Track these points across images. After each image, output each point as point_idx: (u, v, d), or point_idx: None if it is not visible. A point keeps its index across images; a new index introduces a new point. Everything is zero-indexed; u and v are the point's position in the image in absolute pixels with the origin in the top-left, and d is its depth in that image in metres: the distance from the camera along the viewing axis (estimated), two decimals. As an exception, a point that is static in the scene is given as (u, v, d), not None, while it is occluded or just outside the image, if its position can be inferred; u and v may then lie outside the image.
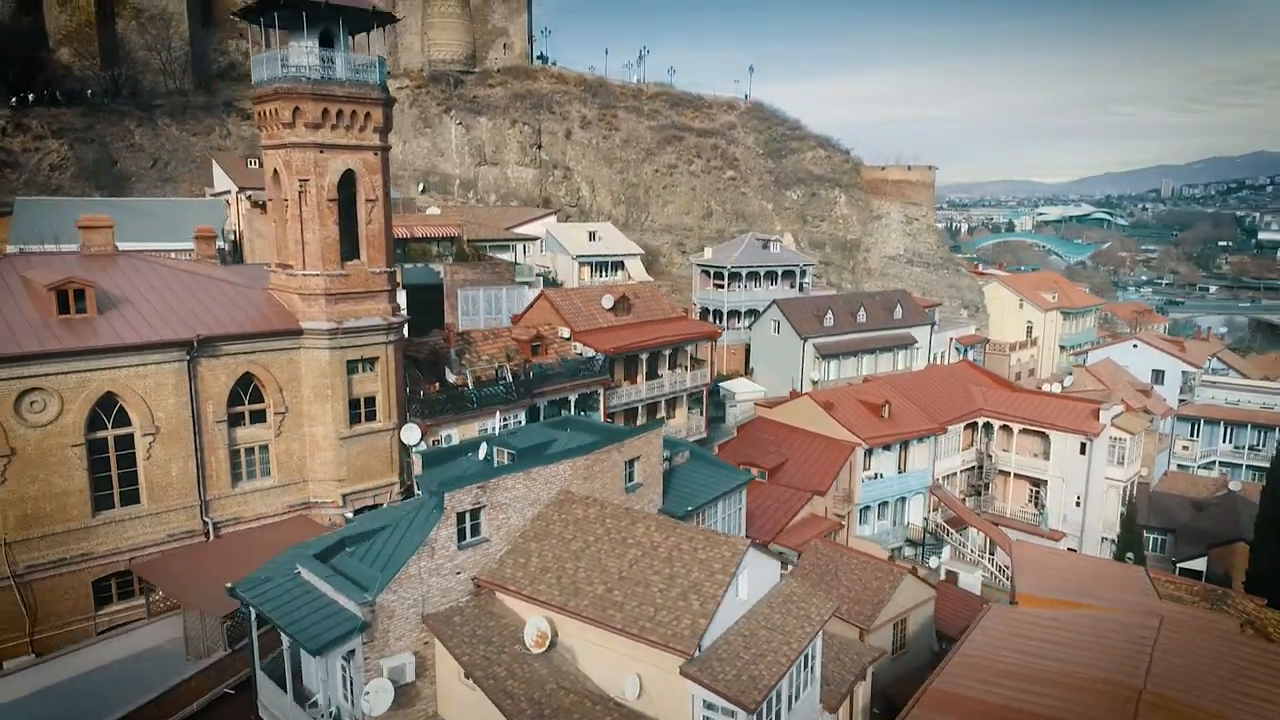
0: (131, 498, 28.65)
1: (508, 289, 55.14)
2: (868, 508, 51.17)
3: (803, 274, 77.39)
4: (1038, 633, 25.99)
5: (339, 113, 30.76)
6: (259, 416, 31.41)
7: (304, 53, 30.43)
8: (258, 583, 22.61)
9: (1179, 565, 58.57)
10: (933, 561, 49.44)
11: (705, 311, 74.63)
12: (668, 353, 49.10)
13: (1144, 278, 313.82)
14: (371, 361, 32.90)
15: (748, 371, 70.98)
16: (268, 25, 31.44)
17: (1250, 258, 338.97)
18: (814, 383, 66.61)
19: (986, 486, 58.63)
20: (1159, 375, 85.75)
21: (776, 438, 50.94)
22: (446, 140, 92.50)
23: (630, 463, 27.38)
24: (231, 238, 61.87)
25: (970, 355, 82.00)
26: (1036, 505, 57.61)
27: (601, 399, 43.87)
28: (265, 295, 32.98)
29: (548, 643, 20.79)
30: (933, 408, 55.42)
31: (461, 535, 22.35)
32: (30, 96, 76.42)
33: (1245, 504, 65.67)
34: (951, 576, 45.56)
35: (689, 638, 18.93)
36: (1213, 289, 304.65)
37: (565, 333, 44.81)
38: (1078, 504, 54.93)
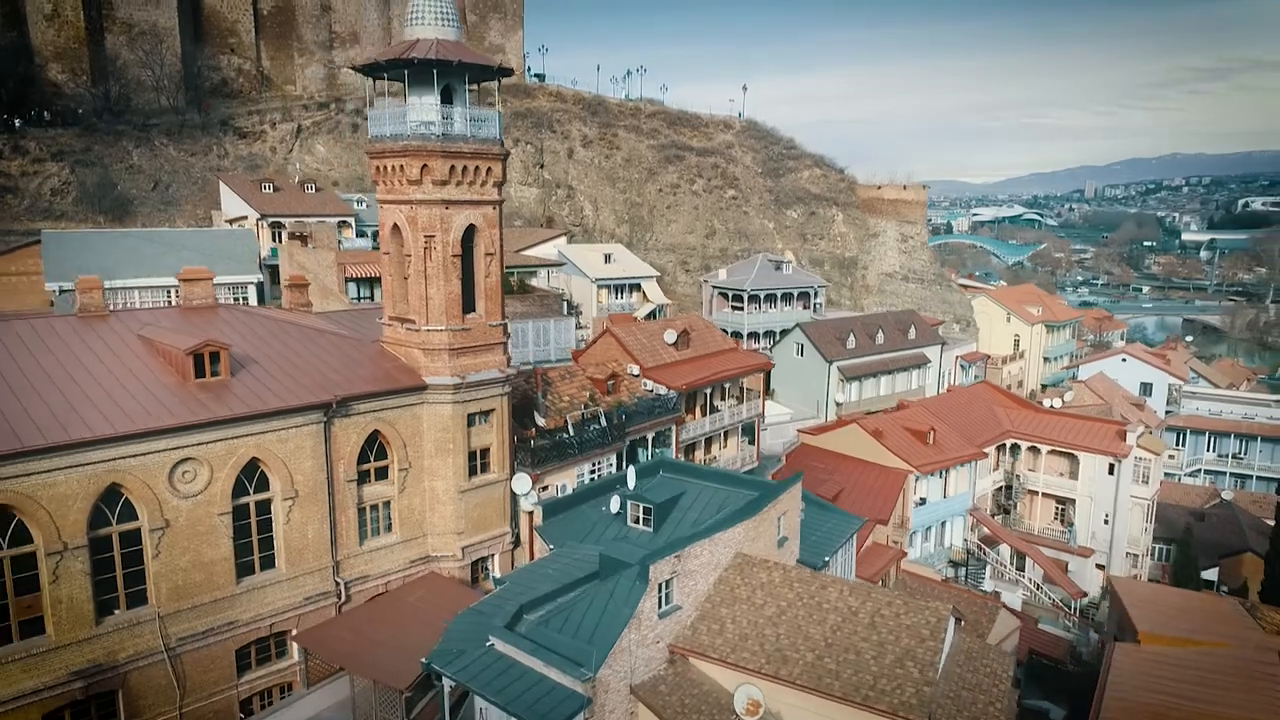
0: (269, 562, 28.31)
1: (555, 321, 55.14)
2: (914, 532, 52.66)
3: (815, 295, 78.99)
4: (1171, 672, 27.39)
5: (464, 168, 30.79)
6: (382, 473, 31.24)
7: (430, 109, 30.40)
8: (453, 656, 22.65)
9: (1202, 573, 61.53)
10: (991, 588, 51.21)
11: (723, 333, 75.54)
12: (726, 385, 49.86)
13: (1080, 278, 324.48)
14: (488, 413, 32.93)
15: (768, 393, 72.15)
16: (391, 79, 31.31)
17: (1175, 258, 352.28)
18: (838, 404, 68.14)
19: (1014, 505, 60.78)
20: (1147, 388, 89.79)
21: (828, 466, 52.02)
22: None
23: (779, 518, 28.05)
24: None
25: (972, 372, 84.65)
26: (1062, 522, 59.94)
27: (674, 436, 44.42)
28: (379, 349, 32.78)
29: (761, 711, 21.35)
30: (967, 431, 57.24)
31: (660, 604, 22.77)
32: (16, 121, 73.45)
33: (1243, 513, 69.44)
34: (994, 595, 47.41)
35: (917, 706, 19.69)
36: (1145, 289, 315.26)
37: (634, 369, 45.22)
38: (1106, 521, 57.34)
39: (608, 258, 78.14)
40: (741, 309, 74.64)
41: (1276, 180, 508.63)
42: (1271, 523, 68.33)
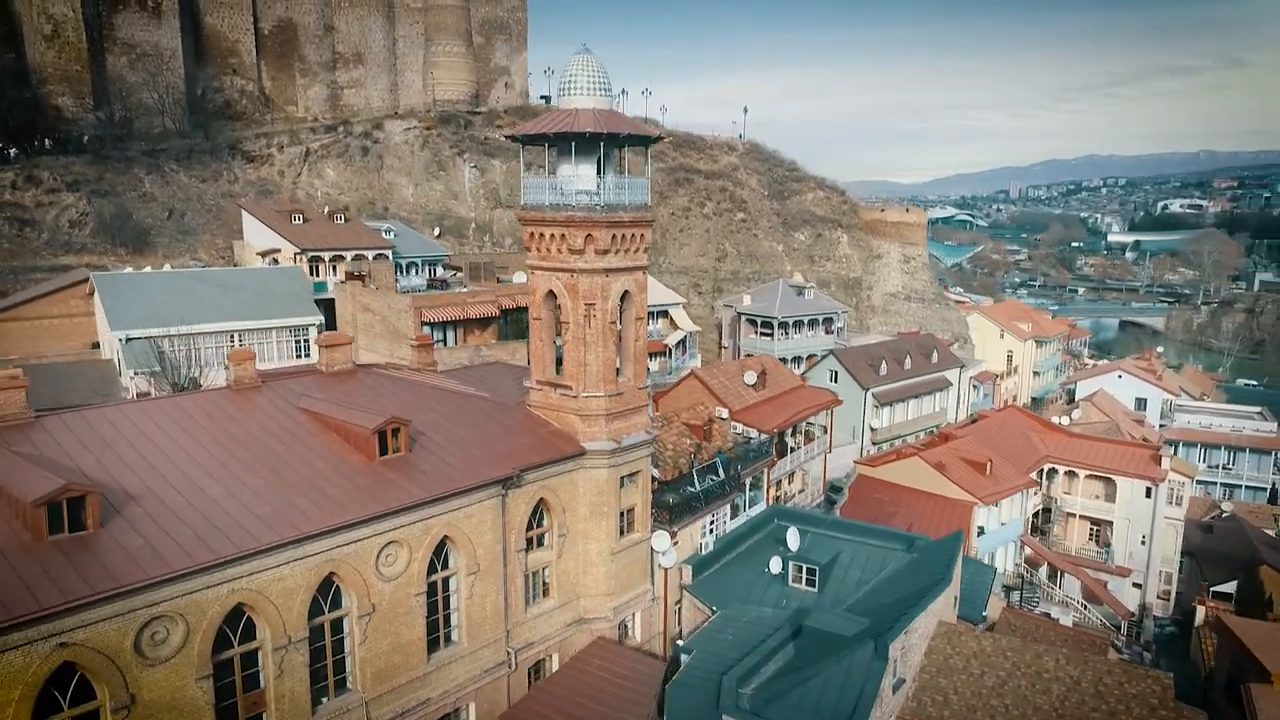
0: (449, 638, 28.28)
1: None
2: (975, 561, 54.35)
3: (837, 320, 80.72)
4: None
5: (622, 236, 31.13)
6: (540, 540, 31.37)
7: (589, 179, 30.70)
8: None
9: (1211, 589, 64.77)
10: (1041, 610, 53.18)
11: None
12: (801, 423, 50.91)
13: (1018, 280, 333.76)
14: (635, 474, 33.29)
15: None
16: (547, 146, 31.49)
17: (1105, 259, 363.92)
18: (873, 430, 69.84)
19: (1052, 528, 63.23)
20: (1141, 403, 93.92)
21: (891, 498, 53.41)
22: (460, 183, 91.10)
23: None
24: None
25: (982, 391, 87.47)
26: (1098, 543, 62.62)
27: (766, 479, 45.24)
28: (527, 413, 32.88)
29: (1003, 782, 22.26)
30: (1009, 458, 59.35)
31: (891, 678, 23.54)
32: (12, 151, 70.44)
33: (1249, 525, 73.18)
34: (1045, 617, 49.51)
35: (1167, 776, 20.82)
36: (1081, 290, 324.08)
37: (723, 413, 45.90)
38: (1142, 542, 60.13)
39: (635, 285, 78.50)
40: (770, 335, 75.91)
41: (1188, 182, 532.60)
42: (1272, 533, 72.53)
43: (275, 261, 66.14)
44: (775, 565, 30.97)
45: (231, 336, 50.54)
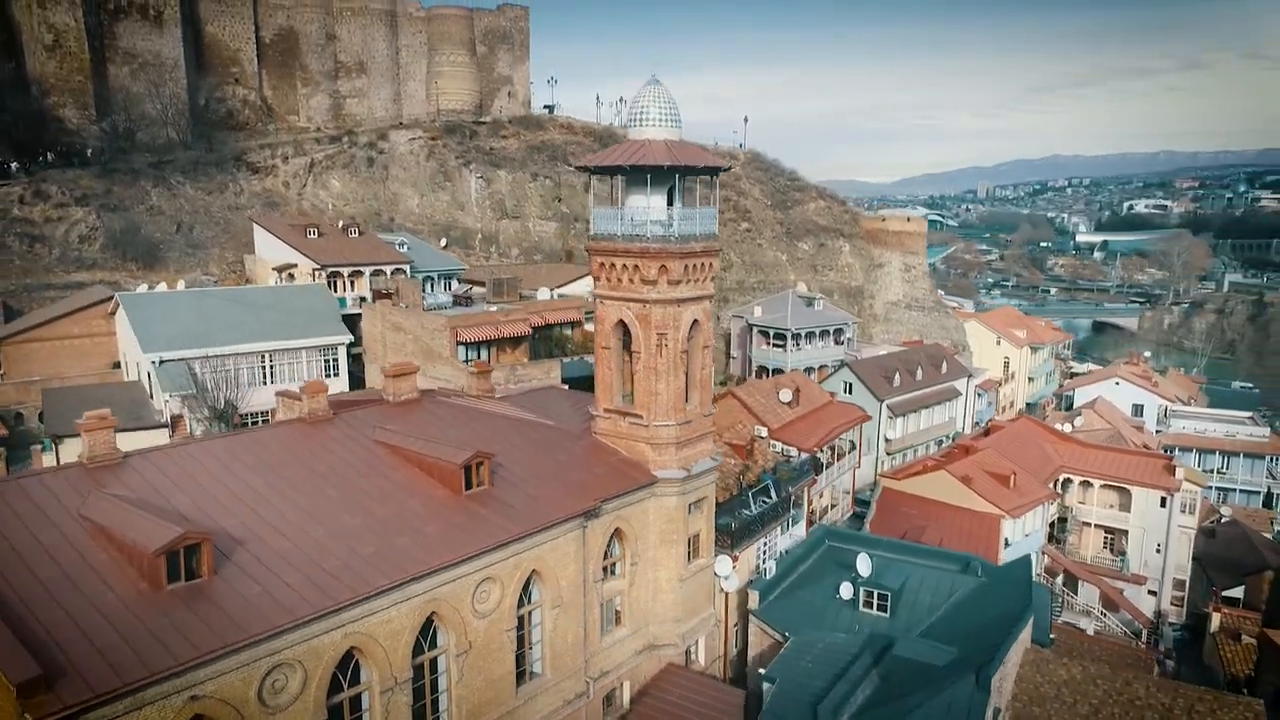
0: (533, 671, 28.34)
1: (650, 376, 55.62)
2: (999, 571, 55.13)
3: (846, 331, 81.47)
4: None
5: (693, 266, 31.33)
6: (612, 569, 31.50)
7: (661, 209, 30.90)
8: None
9: (1222, 593, 66.25)
10: (1063, 619, 54.14)
11: (764, 370, 77.35)
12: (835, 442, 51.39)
13: (991, 280, 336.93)
14: (701, 501, 33.53)
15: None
16: (615, 177, 31.61)
17: (1074, 259, 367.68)
18: (888, 440, 70.55)
19: (1067, 537, 64.29)
20: (1138, 409, 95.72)
21: (919, 512, 54.03)
22: (466, 194, 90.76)
23: (1025, 603, 29.57)
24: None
25: (985, 399, 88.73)
26: (1112, 551, 63.81)
27: (806, 497, 45.64)
28: (595, 442, 32.98)
29: (1104, 809, 22.76)
30: (1028, 469, 60.30)
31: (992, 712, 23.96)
32: (13, 165, 68.91)
33: (1250, 530, 74.92)
34: (1071, 627, 50.45)
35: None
36: (1053, 291, 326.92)
37: (762, 431, 46.26)
38: (1158, 550, 61.36)
39: (647, 297, 78.69)
40: (783, 347, 76.46)
41: (1150, 182, 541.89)
42: (1269, 536, 74.25)
43: (292, 277, 65.52)
44: (846, 590, 31.33)
45: (262, 357, 50.02)
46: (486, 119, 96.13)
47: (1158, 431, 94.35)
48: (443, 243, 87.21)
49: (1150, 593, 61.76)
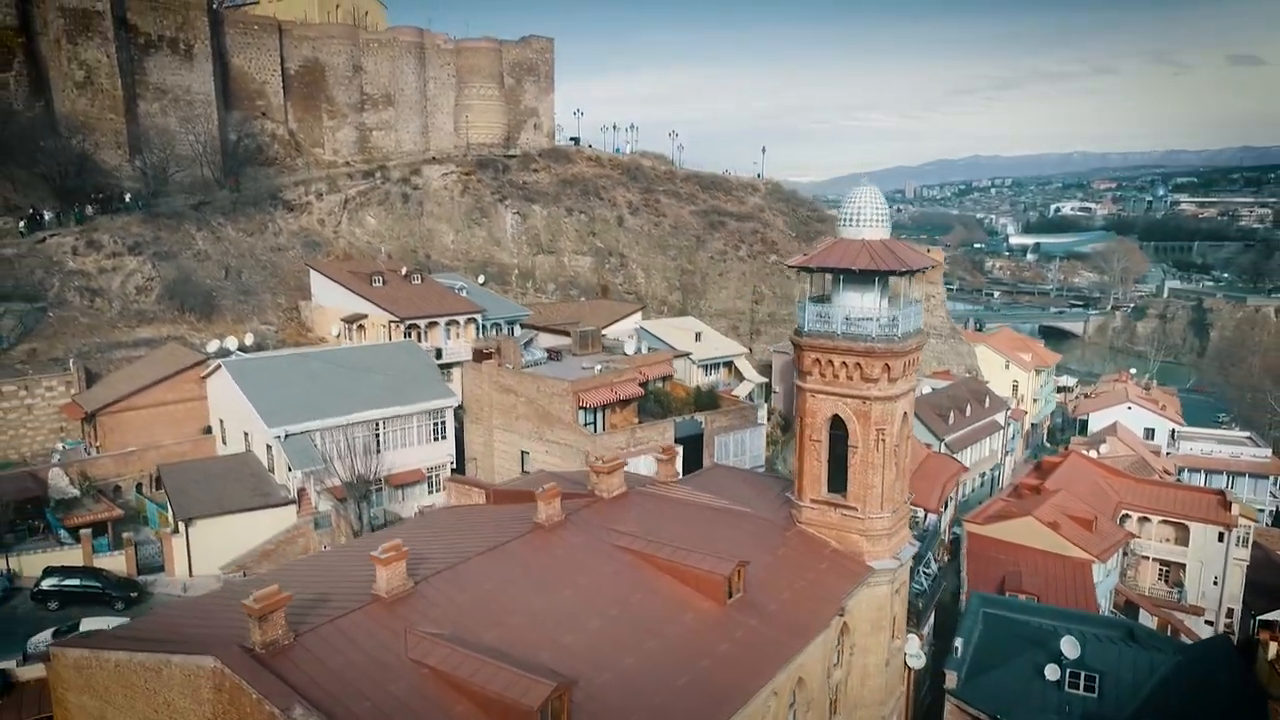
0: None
1: (750, 430, 56.43)
2: (1084, 613, 57.28)
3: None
4: None
5: (908, 362, 32.15)
6: (835, 661, 32.10)
7: (873, 307, 31.68)
8: None
9: (1260, 619, 69.84)
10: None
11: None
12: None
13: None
14: (901, 585, 34.36)
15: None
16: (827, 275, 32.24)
17: (1009, 260, 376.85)
18: (946, 478, 72.45)
19: (1126, 570, 67.03)
20: (1150, 433, 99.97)
21: (1009, 558, 55.64)
22: (502, 229, 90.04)
23: (1235, 684, 31.12)
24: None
25: (1013, 427, 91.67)
26: (1167, 583, 66.78)
27: (935, 556, 46.82)
28: (802, 533, 33.49)
29: None
30: (1094, 507, 62.75)
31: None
32: (45, 215, 65.64)
33: (1272, 552, 79.06)
34: None
35: None
36: (996, 294, 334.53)
37: (887, 492, 47.26)
38: (1215, 582, 64.47)
39: (698, 336, 79.30)
40: (835, 385, 77.62)
41: (1069, 182, 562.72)
42: (1288, 557, 78.28)
43: (362, 328, 64.42)
44: (1052, 672, 32.46)
45: (375, 425, 49.15)
46: (515, 152, 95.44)
47: (1168, 454, 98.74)
48: (480, 279, 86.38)
49: (1207, 622, 64.84)
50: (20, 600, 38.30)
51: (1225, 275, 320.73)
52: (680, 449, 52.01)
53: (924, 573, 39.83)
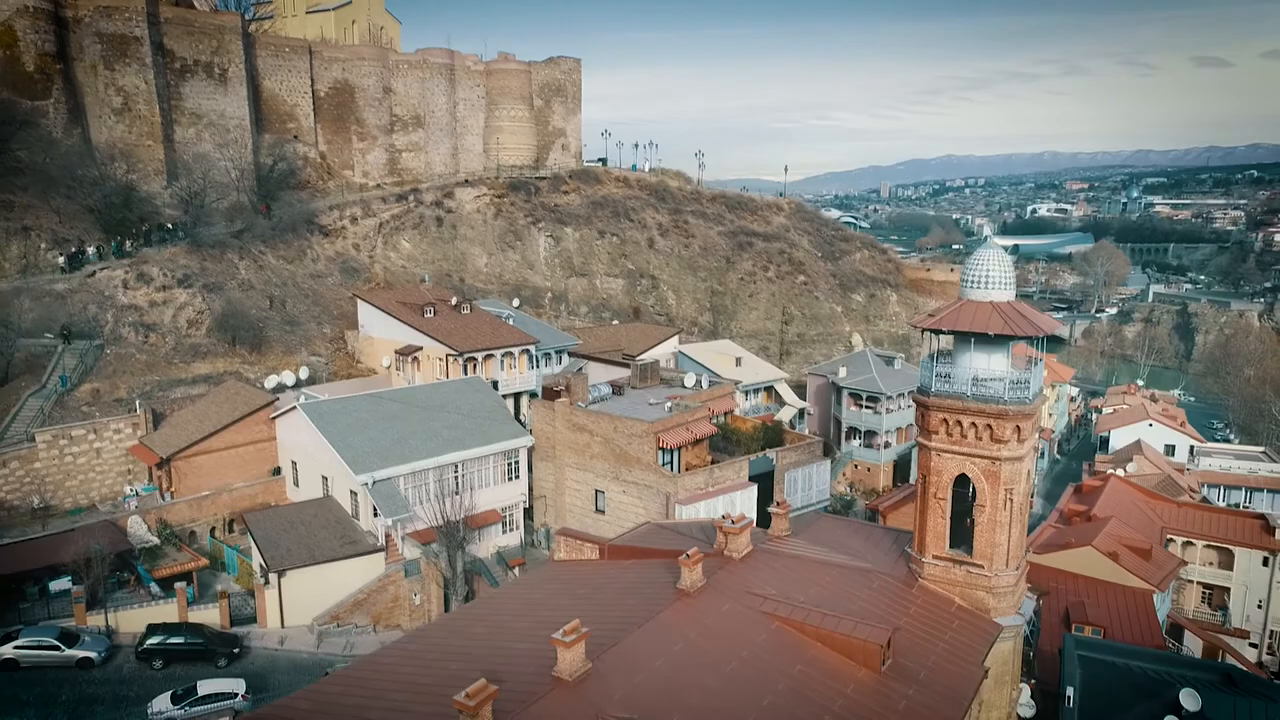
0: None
1: (817, 465, 56.81)
2: (1140, 640, 58.22)
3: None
4: None
5: (1036, 422, 32.62)
6: (962, 715, 32.46)
7: (1001, 368, 32.15)
8: None
9: (1296, 639, 71.26)
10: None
11: (854, 431, 79.32)
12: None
13: None
14: (1018, 637, 34.81)
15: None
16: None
17: None
18: (988, 502, 73.17)
19: (1171, 594, 68.11)
20: (1170, 449, 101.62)
21: (1070, 588, 56.51)
22: (535, 253, 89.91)
23: None
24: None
25: (1043, 446, 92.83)
26: (1210, 606, 68.00)
27: (1014, 593, 47.35)
28: (925, 589, 33.82)
29: None
30: (1146, 534, 63.79)
31: None
32: (90, 249, 64.73)
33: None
34: None
35: None
36: None
37: (966, 531, 47.80)
38: (1259, 606, 65.76)
39: (739, 361, 79.74)
40: (874, 410, 78.42)
41: (1041, 183, 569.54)
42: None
43: (415, 361, 64.16)
44: (1174, 726, 33.03)
45: (455, 469, 48.98)
46: (545, 174, 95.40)
47: (1187, 470, 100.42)
48: (515, 303, 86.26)
49: (1251, 645, 66.13)
50: (123, 659, 37.84)
51: (1202, 277, 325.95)
52: (755, 486, 52.50)
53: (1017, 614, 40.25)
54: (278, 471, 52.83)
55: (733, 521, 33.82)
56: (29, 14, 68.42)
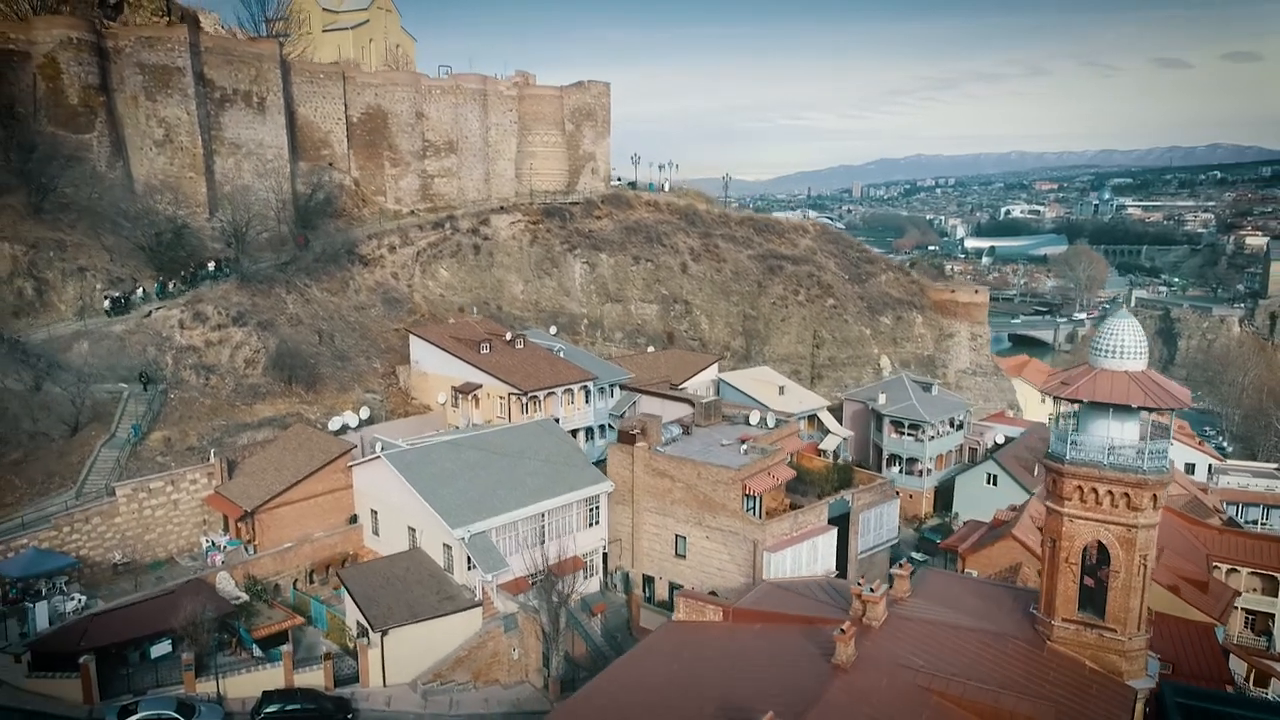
0: None
1: (886, 504, 57.29)
2: (1199, 671, 59.28)
3: (961, 415, 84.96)
4: None
5: (1168, 490, 33.21)
6: (1098, 778, 32.95)
7: (1134, 436, 32.76)
8: None
9: (1331, 659, 72.83)
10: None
11: (895, 459, 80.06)
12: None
13: None
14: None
15: (952, 517, 77.31)
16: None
17: (967, 264, 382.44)
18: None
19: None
20: (1190, 468, 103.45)
21: (1133, 621, 57.49)
22: (571, 279, 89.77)
23: None
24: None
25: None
26: (1254, 631, 69.43)
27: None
28: (1055, 652, 34.31)
29: None
30: (1195, 563, 65.00)
31: None
32: (141, 290, 63.31)
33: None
34: None
35: None
36: None
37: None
38: (1303, 631, 67.30)
39: (782, 389, 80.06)
40: (917, 438, 79.10)
41: (1010, 183, 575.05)
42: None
43: (474, 399, 63.95)
44: (1295, 782, 33.85)
45: (542, 516, 48.89)
46: (577, 199, 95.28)
47: (1209, 489, 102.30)
48: (552, 330, 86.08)
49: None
50: (238, 727, 37.47)
51: (1176, 280, 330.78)
52: (835, 530, 52.82)
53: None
54: (354, 519, 52.42)
55: (871, 589, 34.14)
56: (72, 46, 67.33)
